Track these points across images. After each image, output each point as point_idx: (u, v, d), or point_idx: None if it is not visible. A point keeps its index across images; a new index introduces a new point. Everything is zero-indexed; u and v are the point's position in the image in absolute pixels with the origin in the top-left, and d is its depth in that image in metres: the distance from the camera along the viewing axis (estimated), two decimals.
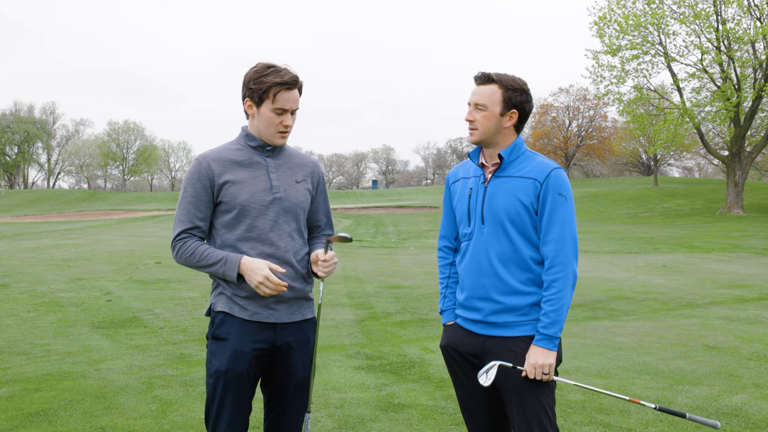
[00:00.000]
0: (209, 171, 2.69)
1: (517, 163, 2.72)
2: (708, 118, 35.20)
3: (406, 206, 43.94)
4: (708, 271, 13.20)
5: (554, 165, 2.69)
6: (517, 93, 2.70)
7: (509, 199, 2.66)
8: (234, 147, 2.78)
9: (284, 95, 2.66)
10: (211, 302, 2.76)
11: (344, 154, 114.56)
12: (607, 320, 7.97)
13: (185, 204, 2.71)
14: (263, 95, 2.66)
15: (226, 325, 2.68)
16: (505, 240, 2.67)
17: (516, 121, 2.73)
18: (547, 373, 2.59)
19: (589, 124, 66.22)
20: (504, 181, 2.70)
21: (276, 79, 2.63)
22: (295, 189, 2.79)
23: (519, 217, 2.65)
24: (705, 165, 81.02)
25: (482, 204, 2.72)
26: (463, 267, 2.79)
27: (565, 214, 2.63)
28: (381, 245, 20.88)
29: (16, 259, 15.31)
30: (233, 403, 2.65)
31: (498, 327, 2.70)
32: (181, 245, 2.69)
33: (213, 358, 2.68)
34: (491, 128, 2.71)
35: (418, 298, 9.75)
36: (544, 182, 2.64)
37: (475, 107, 2.72)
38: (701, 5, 32.51)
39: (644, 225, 29.25)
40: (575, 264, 2.64)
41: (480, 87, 2.73)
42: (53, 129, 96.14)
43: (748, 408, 4.66)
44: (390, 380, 5.44)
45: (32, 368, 5.77)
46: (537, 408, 2.61)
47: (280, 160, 2.80)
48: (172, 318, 8.12)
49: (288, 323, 2.74)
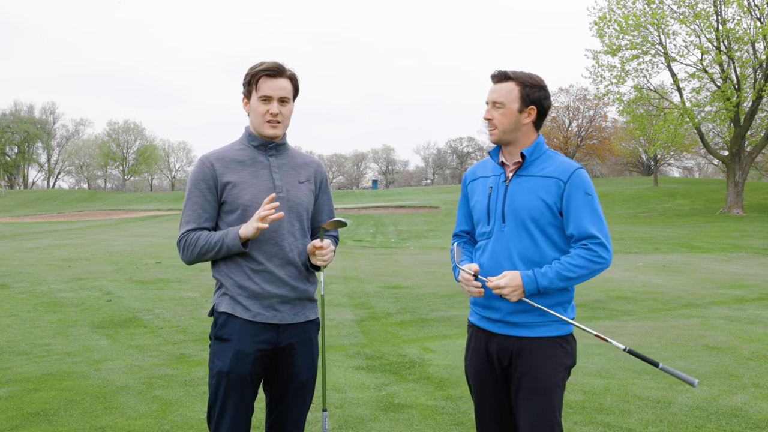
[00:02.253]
0: (212, 171, 2.70)
1: (539, 162, 2.71)
2: (708, 118, 35.17)
3: (406, 206, 43.91)
4: (708, 271, 13.20)
5: (577, 165, 2.68)
6: (535, 89, 2.68)
7: (532, 198, 2.65)
8: (237, 147, 2.79)
9: (267, 82, 2.69)
10: (214, 303, 2.76)
11: (344, 154, 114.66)
12: (607, 320, 7.96)
13: (191, 205, 2.72)
14: (250, 86, 2.72)
15: (229, 325, 2.67)
16: (527, 239, 2.66)
17: (535, 117, 2.71)
18: (506, 295, 2.57)
19: (589, 124, 66.17)
20: (526, 180, 2.69)
21: (258, 68, 2.70)
22: (298, 189, 2.79)
23: (542, 216, 2.64)
24: (705, 165, 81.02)
25: (503, 203, 2.70)
26: (482, 265, 2.75)
27: (594, 211, 2.63)
28: (381, 245, 20.88)
29: (16, 259, 15.32)
30: (235, 403, 2.65)
31: (517, 327, 2.67)
32: (185, 240, 2.70)
33: (215, 358, 2.68)
34: (510, 126, 2.69)
35: (418, 298, 9.75)
36: (567, 182, 2.63)
37: (493, 105, 2.71)
38: (701, 5, 32.51)
39: (644, 225, 29.24)
40: (609, 255, 2.62)
41: (497, 85, 2.71)
42: (53, 129, 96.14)
43: (748, 408, 4.66)
44: (390, 380, 5.44)
45: (32, 368, 5.77)
46: (546, 409, 2.60)
47: (282, 159, 2.80)
48: (172, 318, 8.12)
49: (291, 324, 2.74)
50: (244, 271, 2.68)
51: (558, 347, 2.67)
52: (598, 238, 2.60)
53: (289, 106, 2.76)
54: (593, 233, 2.60)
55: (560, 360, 2.66)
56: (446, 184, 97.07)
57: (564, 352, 2.68)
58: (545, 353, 2.64)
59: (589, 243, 2.61)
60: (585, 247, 2.61)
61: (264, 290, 2.68)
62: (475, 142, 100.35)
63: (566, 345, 2.69)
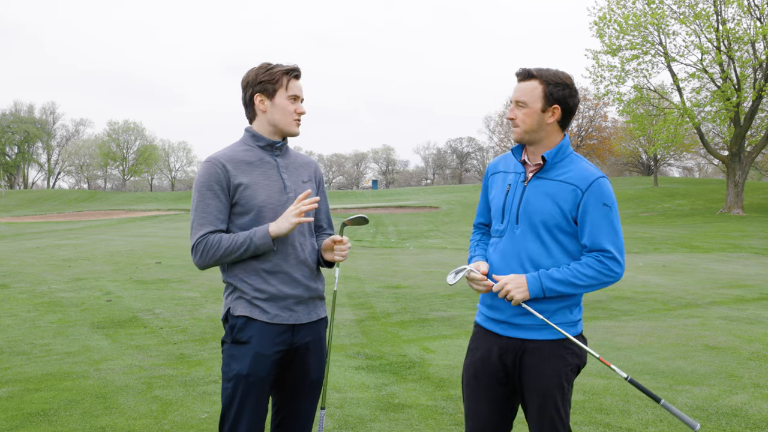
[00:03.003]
0: (225, 172, 2.66)
1: (561, 166, 2.64)
2: (708, 118, 35.17)
3: (406, 206, 43.90)
4: (708, 271, 13.19)
5: (598, 173, 2.60)
6: (559, 87, 2.60)
7: (547, 203, 2.60)
8: (242, 148, 2.77)
9: (295, 83, 2.75)
10: (228, 306, 2.72)
11: (344, 154, 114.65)
12: (607, 320, 7.96)
13: (204, 207, 2.65)
14: (276, 85, 2.72)
15: (248, 329, 2.65)
16: (539, 243, 2.62)
17: (560, 117, 2.64)
18: (511, 299, 2.57)
19: (589, 124, 66.15)
20: (544, 183, 2.63)
21: (281, 68, 2.73)
22: (304, 188, 2.81)
23: (555, 223, 2.59)
24: (705, 165, 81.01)
25: (519, 204, 2.65)
26: (492, 263, 2.72)
27: (610, 223, 2.57)
28: (381, 245, 20.87)
29: (16, 259, 15.32)
30: (253, 406, 2.64)
31: (522, 329, 2.64)
32: (203, 244, 2.63)
33: (233, 362, 2.64)
34: (533, 125, 2.63)
35: (418, 298, 9.75)
36: (586, 191, 2.56)
37: (516, 104, 2.65)
38: (701, 5, 32.52)
39: (644, 225, 29.23)
40: (621, 270, 2.59)
41: (521, 84, 2.65)
42: (53, 129, 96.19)
43: (748, 408, 4.66)
44: (390, 380, 5.43)
45: (32, 368, 5.77)
46: (551, 410, 2.58)
47: (287, 159, 2.82)
48: (172, 318, 8.11)
49: (305, 324, 2.75)
50: (259, 273, 2.67)
51: (564, 349, 2.63)
52: (610, 252, 2.56)
53: None
54: (607, 248, 2.56)
55: (566, 361, 2.63)
56: (446, 184, 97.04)
57: (571, 352, 2.65)
58: (550, 355, 2.61)
59: (601, 256, 2.57)
60: (597, 259, 2.57)
61: (281, 292, 2.68)
62: (475, 142, 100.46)
63: (573, 345, 2.65)
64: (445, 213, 37.21)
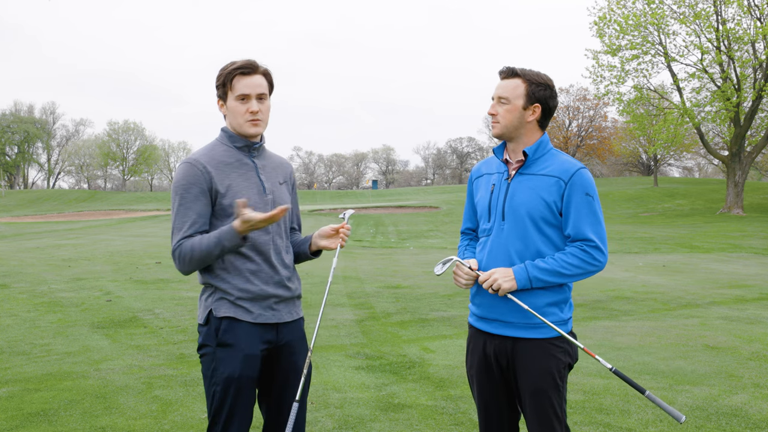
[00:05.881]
0: (206, 173, 2.62)
1: (542, 161, 2.71)
2: (708, 118, 35.19)
3: (406, 206, 43.88)
4: (708, 271, 13.19)
5: (579, 165, 2.67)
6: (541, 87, 2.69)
7: (532, 197, 2.65)
8: (221, 149, 2.72)
9: (243, 81, 2.64)
10: (209, 308, 2.67)
11: (344, 154, 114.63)
12: (607, 320, 7.96)
13: (183, 210, 2.60)
14: (225, 88, 2.67)
15: (233, 330, 2.63)
16: (526, 237, 2.67)
17: (539, 116, 2.72)
18: (498, 289, 2.61)
19: (589, 124, 66.18)
20: (527, 178, 2.69)
21: (231, 67, 2.66)
22: (281, 190, 2.81)
23: (541, 216, 2.65)
24: (705, 165, 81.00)
25: (504, 200, 2.71)
26: (481, 261, 2.77)
27: (593, 212, 2.63)
28: (381, 245, 20.87)
29: (16, 259, 15.32)
30: (244, 407, 2.64)
31: (513, 327, 2.68)
32: (180, 250, 2.60)
33: (220, 365, 2.61)
34: (513, 121, 2.70)
35: (418, 298, 9.75)
36: (568, 182, 2.63)
37: (498, 101, 2.72)
38: (701, 5, 32.52)
39: (644, 225, 29.23)
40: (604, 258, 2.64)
41: (504, 81, 2.73)
42: (53, 129, 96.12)
43: (748, 408, 4.66)
44: (390, 380, 5.44)
45: (32, 368, 5.77)
46: (547, 408, 2.62)
47: (264, 160, 2.80)
48: (172, 318, 8.12)
49: (288, 322, 2.77)
50: (242, 274, 2.65)
51: (555, 347, 2.67)
52: (593, 241, 2.62)
53: (267, 103, 2.72)
54: (590, 236, 2.62)
55: (558, 359, 2.66)
56: (446, 184, 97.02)
57: (562, 351, 2.68)
58: (542, 354, 2.64)
59: (585, 245, 2.62)
60: (580, 249, 2.62)
61: (264, 291, 2.67)
62: (475, 142, 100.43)
63: (564, 344, 2.68)
64: (445, 213, 37.20)
